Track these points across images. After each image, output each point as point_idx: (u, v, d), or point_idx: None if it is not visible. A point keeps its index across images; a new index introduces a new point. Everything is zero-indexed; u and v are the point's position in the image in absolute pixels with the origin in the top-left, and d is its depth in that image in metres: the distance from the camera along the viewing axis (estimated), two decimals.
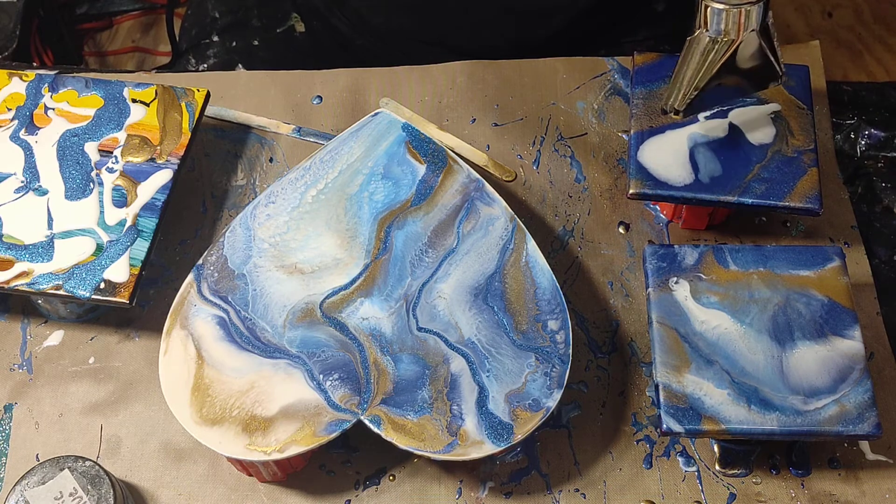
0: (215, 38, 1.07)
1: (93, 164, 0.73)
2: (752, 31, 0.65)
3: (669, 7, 0.98)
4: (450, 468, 0.67)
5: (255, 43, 1.06)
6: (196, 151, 0.81)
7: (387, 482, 0.67)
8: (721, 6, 0.64)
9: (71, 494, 0.61)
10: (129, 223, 0.70)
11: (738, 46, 0.65)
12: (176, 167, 0.73)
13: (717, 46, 0.65)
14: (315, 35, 1.07)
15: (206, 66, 1.06)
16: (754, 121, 0.74)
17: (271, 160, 0.81)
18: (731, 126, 0.74)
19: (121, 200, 0.72)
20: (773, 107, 0.75)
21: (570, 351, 0.65)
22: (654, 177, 0.72)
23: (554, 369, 0.64)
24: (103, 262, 0.69)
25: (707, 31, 0.65)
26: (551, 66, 0.85)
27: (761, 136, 0.73)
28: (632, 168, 0.72)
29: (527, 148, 0.81)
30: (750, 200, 0.71)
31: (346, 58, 1.04)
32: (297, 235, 0.70)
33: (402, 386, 0.64)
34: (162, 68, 1.18)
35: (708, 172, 0.72)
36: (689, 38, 0.67)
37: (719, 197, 0.71)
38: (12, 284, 0.68)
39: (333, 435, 0.62)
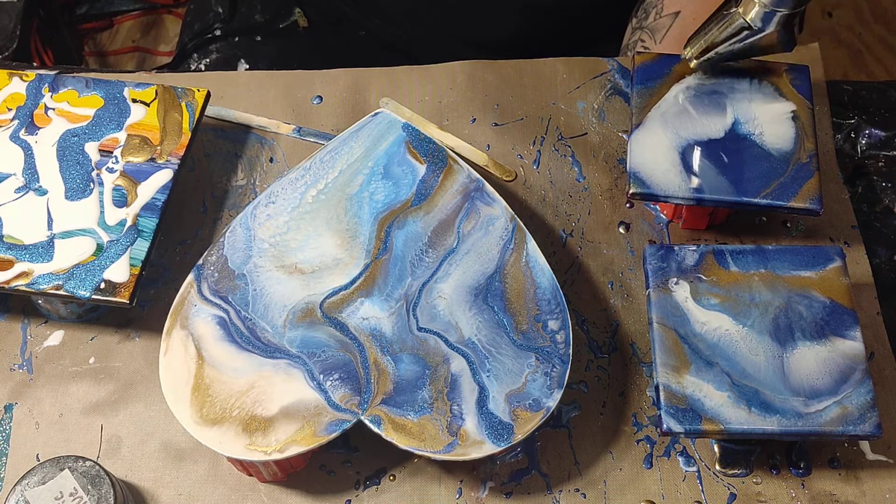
0: (218, 33, 1.07)
1: (93, 164, 0.73)
2: (779, 29, 0.70)
3: None
4: (450, 468, 0.67)
5: (258, 38, 1.06)
6: (196, 151, 0.81)
7: (387, 482, 0.67)
8: (760, 6, 0.69)
9: (71, 494, 0.61)
10: (129, 223, 0.70)
11: (763, 35, 0.71)
12: (176, 167, 0.73)
13: (744, 32, 0.71)
14: (318, 30, 1.07)
15: (208, 60, 1.06)
16: (772, 123, 0.73)
17: (271, 160, 0.81)
18: (743, 121, 0.74)
19: (121, 200, 0.72)
20: (790, 106, 0.74)
21: (571, 351, 0.65)
22: (651, 181, 0.72)
23: (554, 369, 0.64)
24: (103, 262, 0.69)
25: (742, 14, 0.70)
26: (551, 66, 0.85)
27: (781, 142, 0.73)
28: (630, 170, 0.72)
29: (527, 148, 0.81)
30: (754, 202, 0.70)
31: (348, 53, 1.04)
32: (297, 235, 0.70)
33: (403, 386, 0.64)
34: (162, 68, 1.18)
35: (717, 178, 0.71)
36: (724, 12, 0.72)
37: (723, 198, 0.71)
38: (12, 284, 0.68)
39: (333, 435, 0.62)
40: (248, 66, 1.04)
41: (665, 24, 0.89)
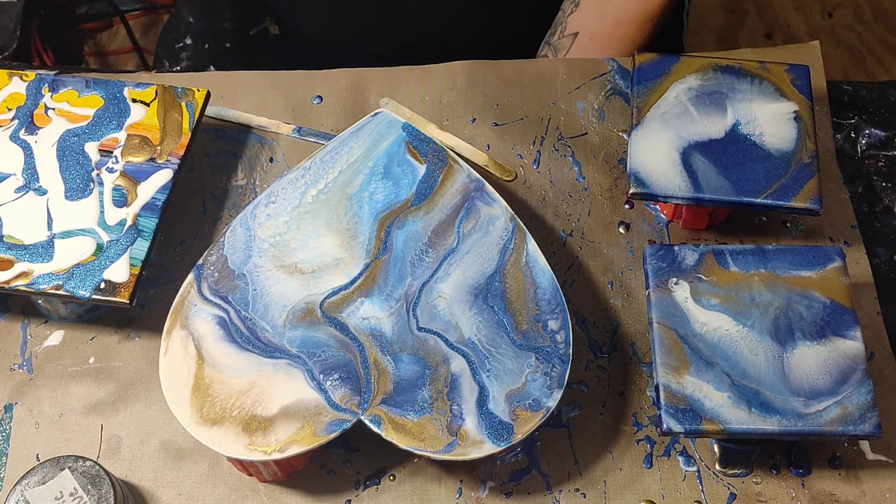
0: (188, 41, 1.07)
1: (93, 164, 0.73)
2: None
3: None
4: (450, 468, 0.67)
5: (228, 45, 1.06)
6: (196, 151, 0.81)
7: (387, 482, 0.67)
8: None
9: (71, 494, 0.61)
10: (129, 223, 0.70)
11: None
12: (176, 167, 0.73)
13: None
14: (289, 37, 1.06)
15: (178, 68, 1.05)
16: (773, 123, 0.73)
17: (271, 160, 0.81)
18: (744, 121, 0.74)
19: (121, 200, 0.72)
20: (791, 106, 0.74)
21: (571, 351, 0.65)
22: (651, 181, 0.72)
23: (554, 369, 0.64)
24: (103, 262, 0.69)
25: None
26: (551, 66, 0.85)
27: (781, 143, 0.72)
28: (630, 170, 0.72)
29: (527, 148, 0.81)
30: (755, 202, 0.70)
31: (319, 59, 1.04)
32: (297, 235, 0.70)
33: (403, 386, 0.64)
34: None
35: (717, 178, 0.71)
36: None
37: (723, 198, 0.71)
38: (12, 284, 0.68)
39: (333, 435, 0.62)
40: None
41: (566, 44, 0.91)
